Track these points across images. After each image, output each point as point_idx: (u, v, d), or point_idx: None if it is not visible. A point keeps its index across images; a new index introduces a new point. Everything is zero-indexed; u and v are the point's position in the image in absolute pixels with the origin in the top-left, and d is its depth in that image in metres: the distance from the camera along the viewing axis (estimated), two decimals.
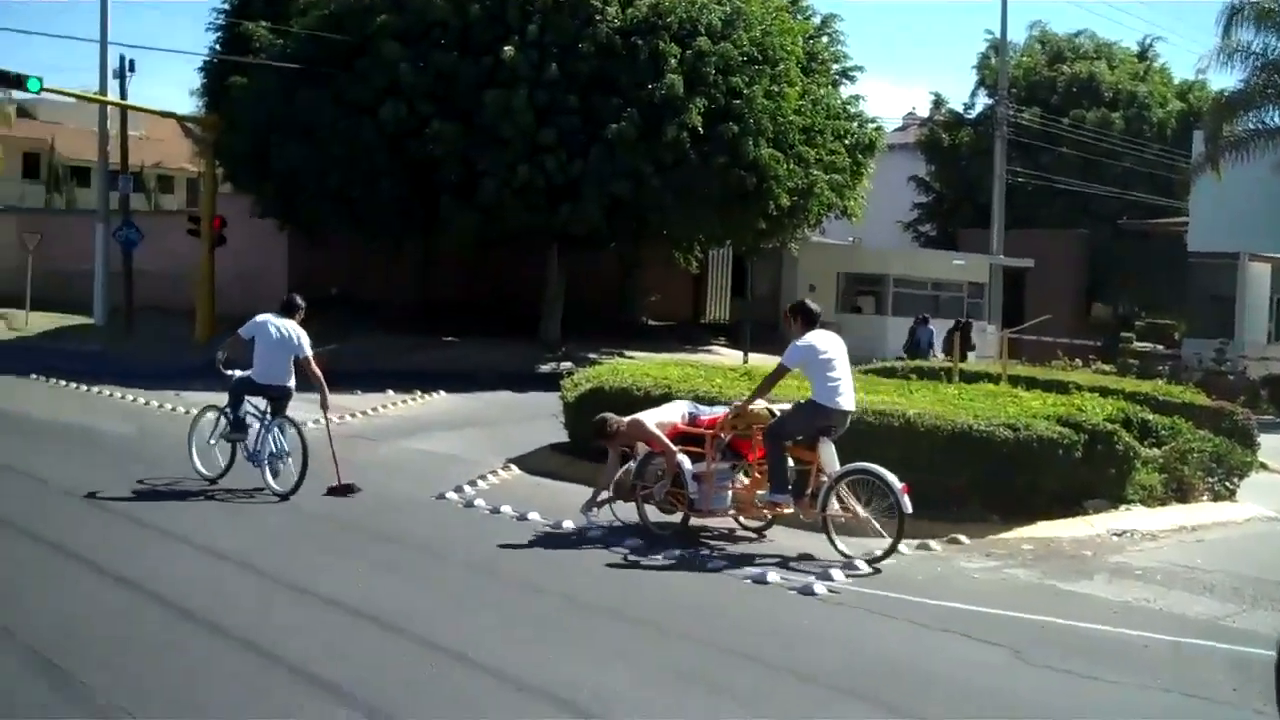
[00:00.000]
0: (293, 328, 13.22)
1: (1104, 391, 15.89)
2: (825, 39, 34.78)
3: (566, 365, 25.29)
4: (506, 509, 12.34)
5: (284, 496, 12.60)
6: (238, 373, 13.36)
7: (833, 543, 10.70)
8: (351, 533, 11.44)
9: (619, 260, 37.81)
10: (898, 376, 18.89)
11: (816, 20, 34.80)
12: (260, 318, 13.30)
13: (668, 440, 11.36)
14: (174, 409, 19.09)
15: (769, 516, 11.49)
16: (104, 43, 36.08)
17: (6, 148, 60.70)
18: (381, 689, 6.91)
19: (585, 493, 12.00)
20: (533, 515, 12.04)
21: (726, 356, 30.68)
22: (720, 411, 11.69)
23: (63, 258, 39.63)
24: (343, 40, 28.93)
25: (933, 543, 11.33)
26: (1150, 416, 14.98)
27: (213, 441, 13.47)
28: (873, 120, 35.31)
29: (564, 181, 27.81)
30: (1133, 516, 12.80)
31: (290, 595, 8.99)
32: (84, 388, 22.42)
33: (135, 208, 39.32)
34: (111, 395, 21.29)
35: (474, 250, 32.77)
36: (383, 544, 11.03)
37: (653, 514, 11.48)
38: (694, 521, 11.51)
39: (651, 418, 11.66)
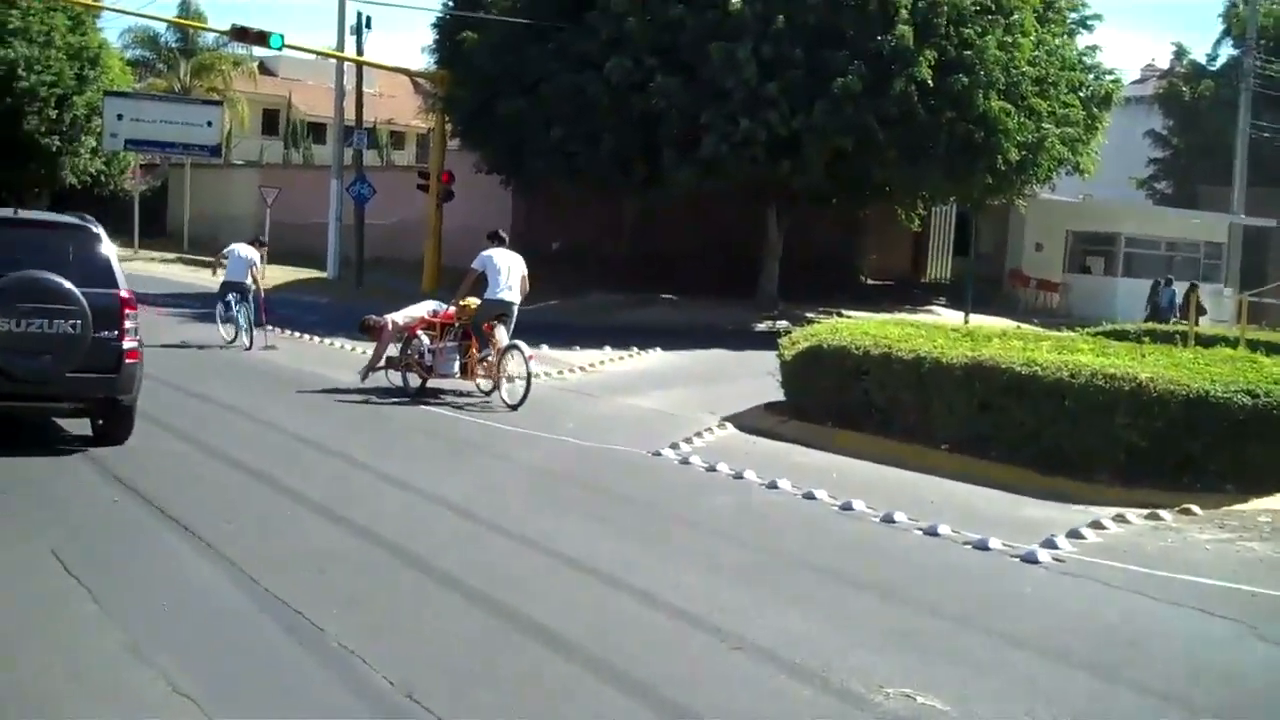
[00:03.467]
0: (249, 250, 21.65)
1: None
2: None
3: (783, 324, 25.08)
4: (722, 467, 12.28)
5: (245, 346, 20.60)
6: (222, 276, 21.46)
7: (500, 389, 15.63)
8: (571, 486, 11.56)
9: (839, 217, 37.29)
10: (1129, 339, 18.17)
11: None
12: (231, 245, 22.01)
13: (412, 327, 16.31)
14: None
15: (480, 375, 16.15)
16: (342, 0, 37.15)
17: (249, 104, 63.17)
18: (620, 646, 6.94)
19: (805, 452, 12.10)
20: (748, 474, 11.96)
21: (947, 317, 30.01)
22: (454, 309, 16.31)
23: (299, 212, 41.12)
24: None
25: (1163, 512, 10.85)
26: None
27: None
28: (1110, 72, 33.99)
29: (787, 136, 27.50)
30: None
31: (515, 546, 9.08)
32: (318, 339, 23.19)
33: (368, 163, 40.49)
34: (343, 347, 21.92)
35: (694, 205, 32.76)
36: (597, 497, 11.12)
37: (412, 380, 16.37)
38: (431, 383, 16.35)
39: (402, 315, 16.53)
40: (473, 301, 16.17)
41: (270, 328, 21.64)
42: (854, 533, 10.14)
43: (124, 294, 11.35)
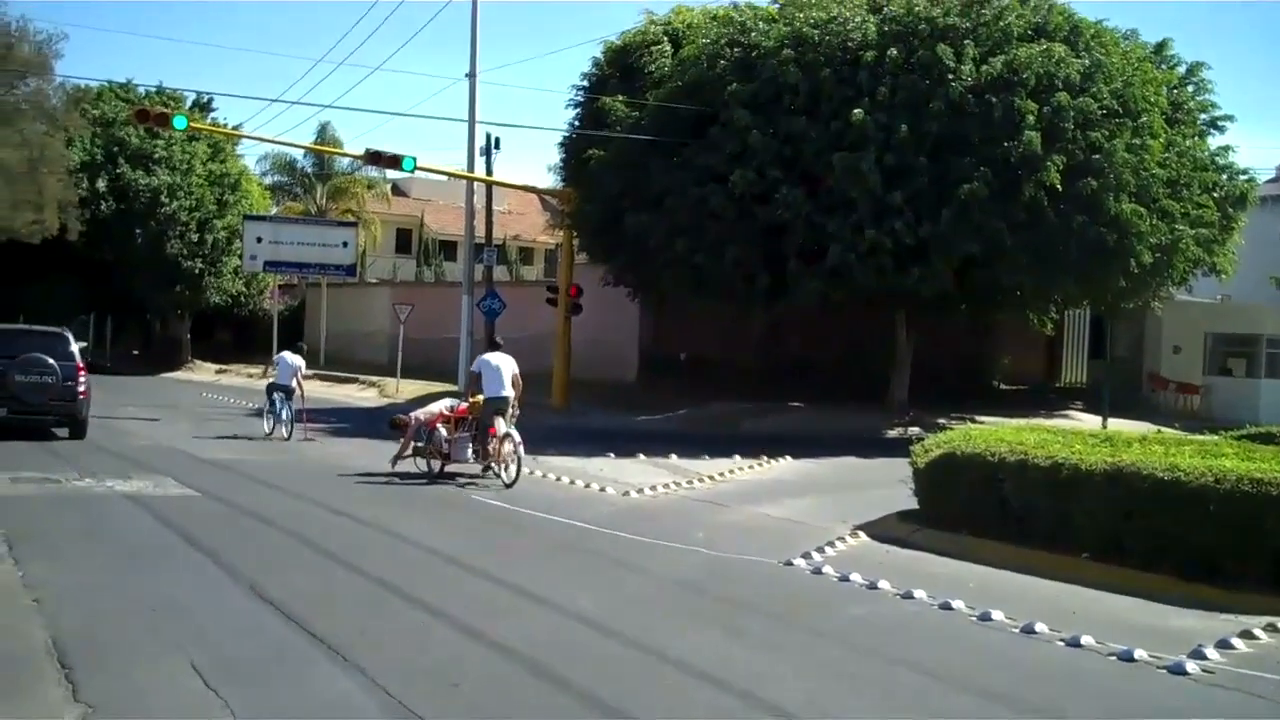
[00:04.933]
0: (295, 358, 25.09)
1: None
2: (1191, 88, 33.20)
3: (915, 430, 24.84)
4: (855, 577, 12.11)
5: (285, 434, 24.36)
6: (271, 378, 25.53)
7: (499, 473, 18.53)
8: (703, 598, 11.48)
9: (969, 322, 36.94)
10: (1275, 443, 17.59)
11: (1181, 69, 33.21)
12: (280, 353, 26.03)
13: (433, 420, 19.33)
14: (532, 473, 19.72)
15: (486, 461, 18.92)
16: (472, 122, 38.17)
17: (382, 224, 64.90)
18: None
19: (940, 561, 11.97)
20: (883, 584, 11.77)
21: (1084, 421, 29.40)
22: (465, 405, 19.52)
23: (432, 327, 41.92)
24: (694, 110, 29.62)
25: None
26: None
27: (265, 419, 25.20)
28: (1244, 171, 33.45)
29: (913, 243, 27.43)
30: None
31: (651, 661, 9.01)
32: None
33: (498, 279, 41.25)
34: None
35: (820, 314, 32.74)
36: (731, 609, 11.01)
37: (427, 465, 19.19)
38: (448, 468, 19.08)
39: (423, 412, 19.61)
40: (480, 398, 19.10)
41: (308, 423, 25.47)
42: (993, 644, 9.90)
43: (79, 365, 22.59)
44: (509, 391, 19.00)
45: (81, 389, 22.25)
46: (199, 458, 20.97)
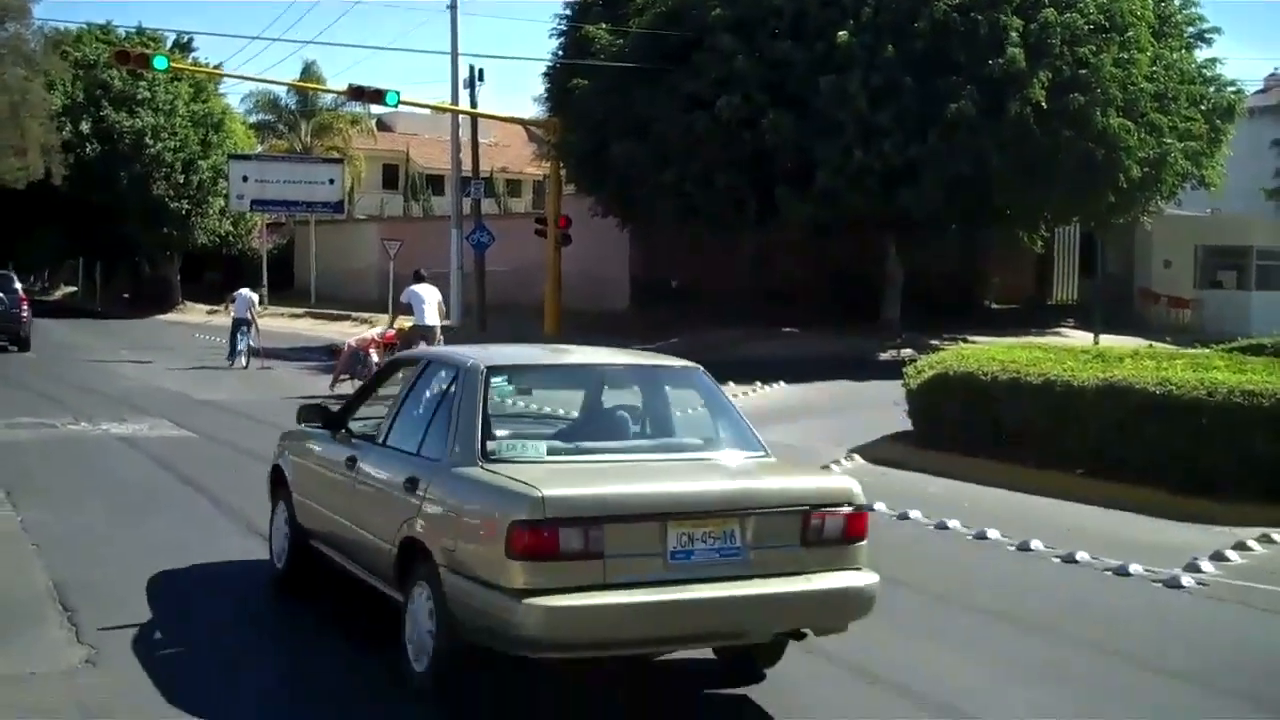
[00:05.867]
0: (250, 293, 28.08)
1: None
2: (1178, 1, 32.93)
3: (907, 352, 24.82)
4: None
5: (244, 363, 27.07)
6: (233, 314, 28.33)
7: None
8: None
9: (960, 242, 36.86)
10: (1266, 354, 17.66)
11: None
12: (237, 291, 28.72)
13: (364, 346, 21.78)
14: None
15: None
16: (454, 55, 37.85)
17: (368, 160, 64.54)
18: None
19: (934, 480, 12.49)
20: (878, 505, 11.73)
21: (1076, 338, 29.44)
22: (393, 331, 22.12)
23: (421, 262, 41.58)
24: (678, 36, 29.37)
25: None
26: None
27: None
28: (1232, 84, 33.22)
29: (902, 165, 27.32)
30: None
31: None
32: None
33: (486, 212, 41.00)
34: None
35: (810, 238, 32.65)
36: None
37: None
38: None
39: (355, 339, 22.15)
40: (406, 323, 21.49)
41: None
42: (990, 562, 9.98)
43: (21, 297, 30.98)
44: (434, 320, 20.97)
45: (24, 315, 31.18)
46: (192, 398, 21.09)
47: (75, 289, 68.25)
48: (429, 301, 21.02)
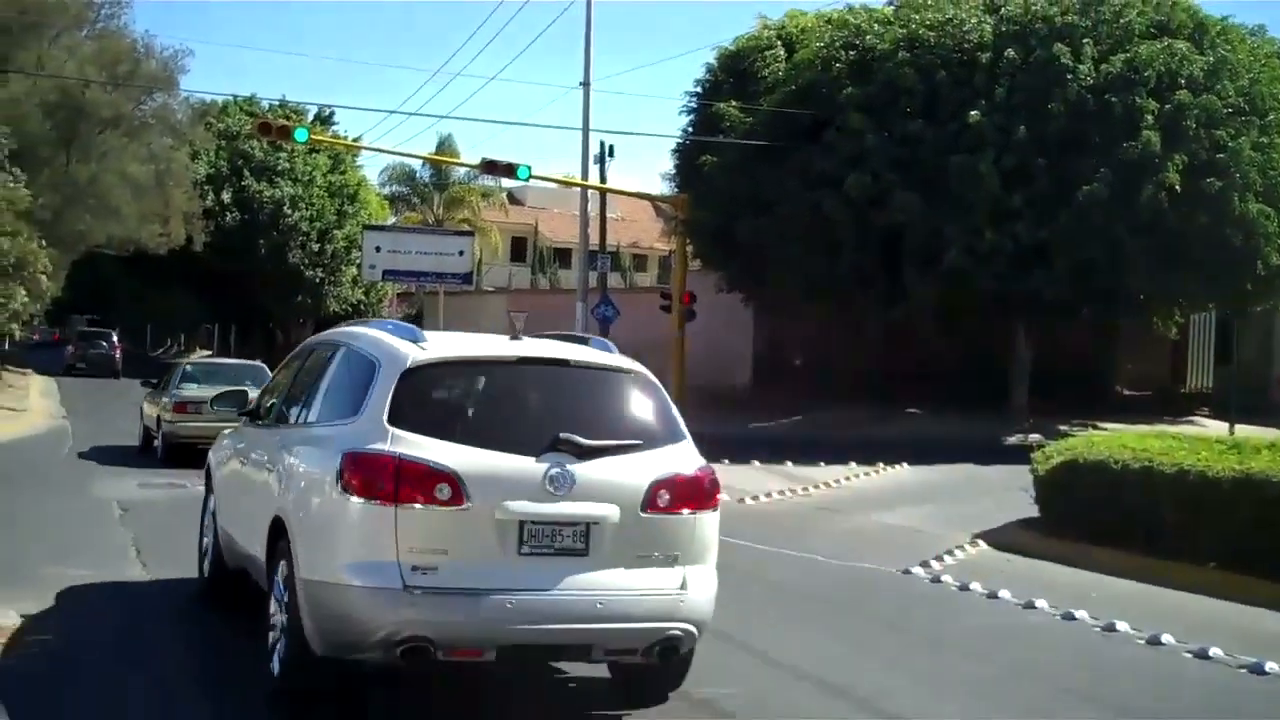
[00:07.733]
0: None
1: None
2: None
3: (1035, 437, 24.40)
4: (975, 586, 11.94)
5: None
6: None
7: None
8: (821, 606, 11.42)
9: (1091, 327, 36.24)
10: None
11: None
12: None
13: None
14: None
15: None
16: (585, 131, 38.31)
17: (499, 233, 65.62)
18: None
19: (1062, 570, 11.79)
20: (1003, 593, 11.60)
21: (1211, 427, 28.66)
22: None
23: (546, 336, 42.14)
24: (808, 114, 29.49)
25: None
26: None
27: None
28: None
29: (1033, 247, 27.05)
30: None
31: (767, 669, 8.98)
32: None
33: (612, 285, 41.42)
34: None
35: (937, 319, 32.37)
36: (849, 618, 10.96)
37: None
38: None
39: None
40: None
41: None
42: (1118, 655, 9.71)
43: (117, 346, 49.24)
44: None
45: (118, 359, 45.90)
46: None
47: (210, 352, 70.19)
48: None
